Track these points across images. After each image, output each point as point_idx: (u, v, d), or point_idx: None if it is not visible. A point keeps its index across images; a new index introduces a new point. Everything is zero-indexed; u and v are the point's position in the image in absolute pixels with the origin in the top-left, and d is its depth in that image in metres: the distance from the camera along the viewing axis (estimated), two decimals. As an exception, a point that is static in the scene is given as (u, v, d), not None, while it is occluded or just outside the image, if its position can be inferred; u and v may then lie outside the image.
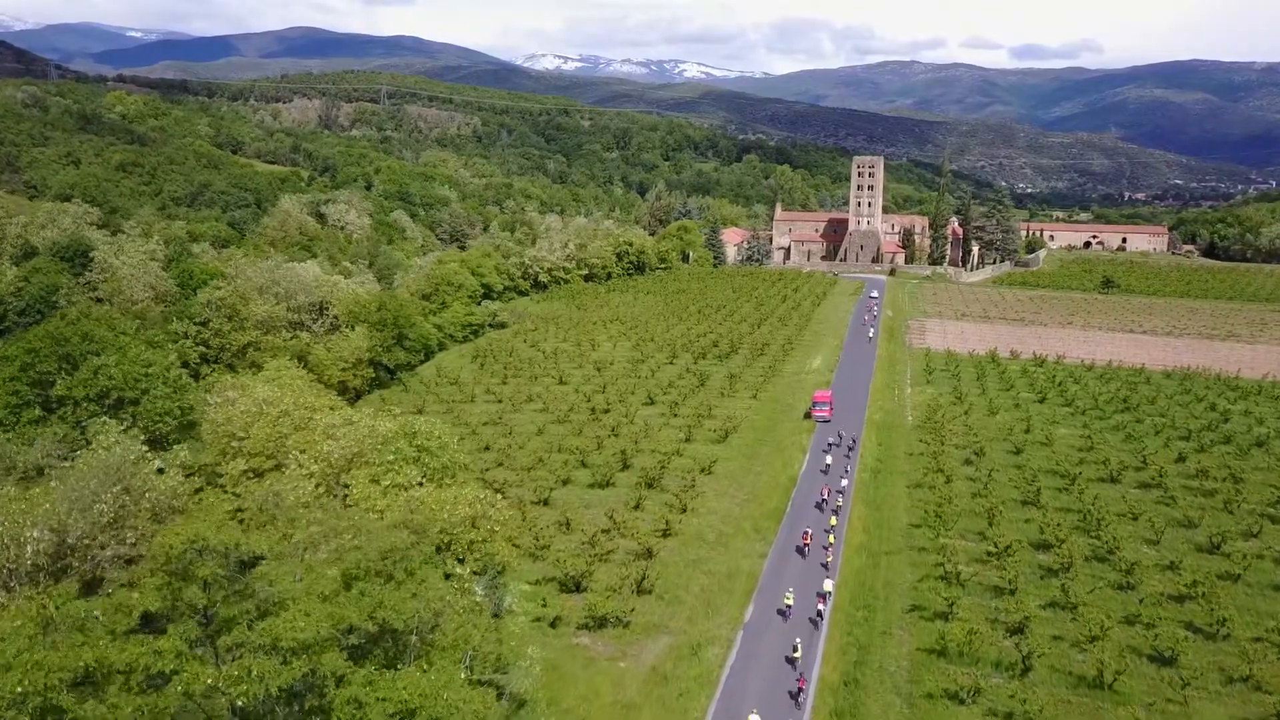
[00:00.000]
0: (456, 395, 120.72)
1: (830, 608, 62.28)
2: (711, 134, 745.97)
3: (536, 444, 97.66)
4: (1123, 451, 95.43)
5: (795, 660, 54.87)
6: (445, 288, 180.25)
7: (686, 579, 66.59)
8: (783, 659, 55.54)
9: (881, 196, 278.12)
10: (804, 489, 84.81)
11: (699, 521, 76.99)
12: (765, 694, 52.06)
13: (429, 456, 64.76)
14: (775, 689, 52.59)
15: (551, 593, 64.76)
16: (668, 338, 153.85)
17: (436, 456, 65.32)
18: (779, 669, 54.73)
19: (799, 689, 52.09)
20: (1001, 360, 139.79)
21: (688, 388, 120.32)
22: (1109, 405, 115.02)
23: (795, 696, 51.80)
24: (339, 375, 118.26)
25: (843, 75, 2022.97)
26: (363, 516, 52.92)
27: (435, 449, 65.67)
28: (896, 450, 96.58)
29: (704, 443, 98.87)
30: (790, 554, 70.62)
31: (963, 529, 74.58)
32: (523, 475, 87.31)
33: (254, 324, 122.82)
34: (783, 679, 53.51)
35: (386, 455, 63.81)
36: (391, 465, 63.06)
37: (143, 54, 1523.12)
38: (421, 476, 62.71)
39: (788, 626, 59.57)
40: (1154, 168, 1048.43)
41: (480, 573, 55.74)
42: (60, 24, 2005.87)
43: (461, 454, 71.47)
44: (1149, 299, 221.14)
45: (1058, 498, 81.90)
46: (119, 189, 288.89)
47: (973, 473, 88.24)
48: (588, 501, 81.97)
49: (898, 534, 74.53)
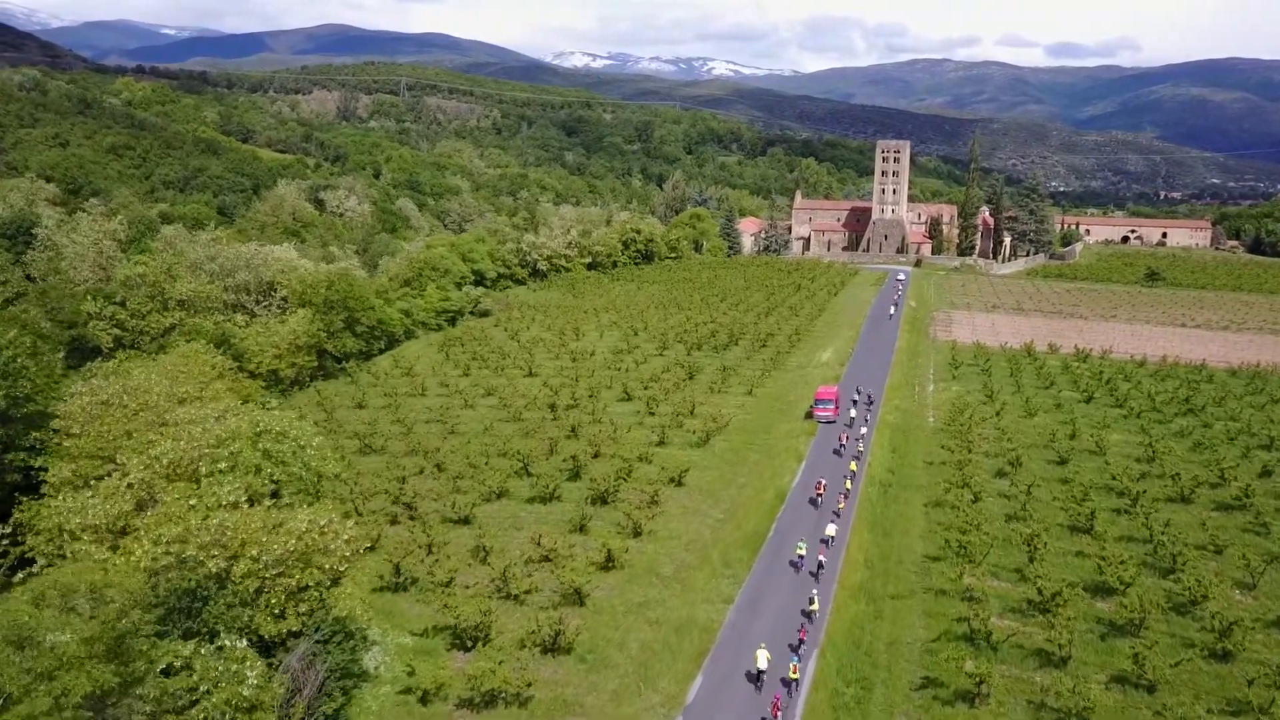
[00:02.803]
0: (406, 387, 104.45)
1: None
2: (735, 127, 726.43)
3: (477, 446, 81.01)
4: (1192, 463, 77.71)
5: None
6: (429, 273, 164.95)
7: (623, 632, 49.86)
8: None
9: (907, 184, 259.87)
10: (794, 507, 67.81)
11: (655, 549, 60.20)
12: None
13: (273, 465, 48.34)
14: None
15: (442, 646, 48.35)
16: (662, 327, 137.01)
17: (285, 465, 48.87)
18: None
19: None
20: (1039, 355, 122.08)
21: (673, 382, 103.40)
22: (1169, 407, 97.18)
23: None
24: (270, 363, 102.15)
25: (872, 73, 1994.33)
26: (115, 566, 36.66)
27: (287, 455, 49.24)
28: (913, 458, 79.32)
29: (681, 446, 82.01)
30: (765, 598, 53.63)
31: (995, 565, 57.38)
32: (449, 485, 70.71)
33: (178, 304, 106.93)
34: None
35: (217, 462, 47.44)
36: (224, 475, 46.73)
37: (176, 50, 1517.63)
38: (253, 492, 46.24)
39: (756, 698, 42.90)
40: (1190, 167, 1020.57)
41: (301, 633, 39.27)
42: (97, 21, 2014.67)
43: (330, 461, 54.89)
44: (1198, 292, 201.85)
45: (1116, 522, 64.46)
46: (105, 171, 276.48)
47: (1007, 488, 70.89)
48: (522, 520, 65.38)
49: (909, 570, 57.39)
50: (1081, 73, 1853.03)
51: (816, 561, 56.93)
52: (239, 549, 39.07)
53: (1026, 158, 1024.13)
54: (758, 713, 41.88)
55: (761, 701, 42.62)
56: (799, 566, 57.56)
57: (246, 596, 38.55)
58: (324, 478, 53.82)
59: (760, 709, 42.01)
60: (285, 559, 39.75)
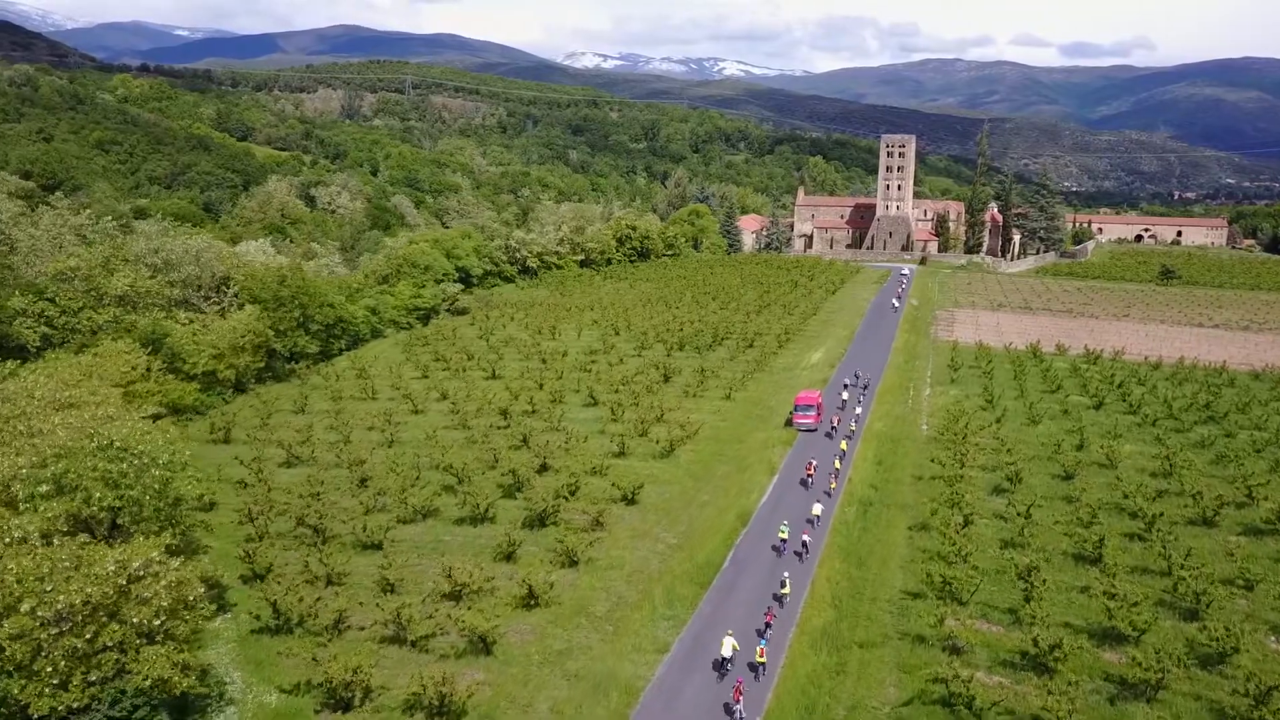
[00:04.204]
0: (355, 391, 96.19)
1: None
2: (743, 125, 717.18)
3: (412, 457, 72.48)
4: (1215, 479, 68.78)
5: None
6: (409, 269, 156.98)
7: (533, 689, 41.42)
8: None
9: (913, 180, 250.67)
10: (757, 531, 59.19)
11: (590, 583, 51.76)
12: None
13: (105, 489, 39.99)
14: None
15: (311, 707, 40.09)
16: (645, 326, 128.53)
17: (123, 488, 40.54)
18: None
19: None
20: (1045, 356, 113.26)
21: (645, 385, 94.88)
22: (1188, 414, 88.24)
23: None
24: (207, 364, 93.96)
25: (884, 73, 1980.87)
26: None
27: (129, 475, 40.90)
28: (901, 472, 70.61)
29: (642, 458, 73.57)
30: (706, 647, 44.99)
31: (985, 602, 48.78)
32: (371, 502, 62.31)
33: (115, 300, 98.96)
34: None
35: (39, 484, 39.19)
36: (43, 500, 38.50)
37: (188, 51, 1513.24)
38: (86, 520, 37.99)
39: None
40: (1205, 167, 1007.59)
41: (90, 708, 30.97)
42: (110, 23, 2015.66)
43: (189, 483, 46.51)
44: (1215, 291, 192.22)
45: (1128, 549, 55.65)
46: (89, 166, 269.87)
47: (1003, 507, 62.15)
48: (447, 544, 57.03)
49: (884, 610, 48.79)
50: (1095, 72, 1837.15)
51: (801, 541, 55.95)
52: (13, 602, 30.77)
53: (1039, 158, 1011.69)
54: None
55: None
56: (781, 551, 55.56)
57: (20, 662, 30.23)
58: (182, 502, 45.42)
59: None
60: (78, 612, 31.42)
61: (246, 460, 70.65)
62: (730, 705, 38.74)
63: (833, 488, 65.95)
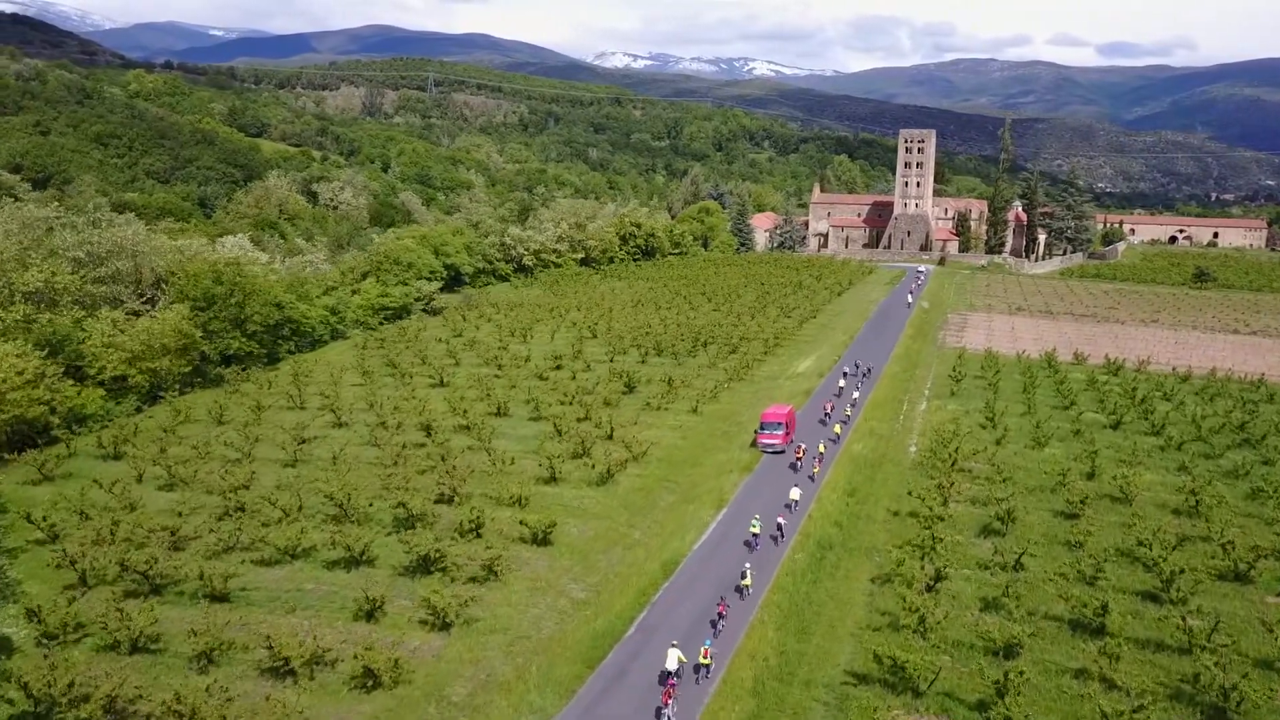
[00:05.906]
0: (283, 400, 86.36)
1: None
2: (768, 124, 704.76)
3: (302, 483, 62.18)
4: (1250, 518, 57.60)
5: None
6: (389, 266, 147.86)
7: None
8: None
9: (933, 176, 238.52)
10: (682, 584, 48.53)
11: (460, 653, 41.43)
12: None
13: None
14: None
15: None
16: (624, 329, 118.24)
17: None
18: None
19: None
20: (1061, 366, 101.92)
21: (603, 397, 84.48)
22: (1219, 436, 76.78)
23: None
24: (116, 368, 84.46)
25: (915, 73, 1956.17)
26: None
27: None
28: (874, 506, 59.66)
29: (576, 484, 63.13)
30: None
31: (948, 693, 37.98)
32: (232, 538, 52.28)
33: (24, 297, 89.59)
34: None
35: None
36: None
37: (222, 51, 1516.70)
38: None
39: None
40: (1243, 168, 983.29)
41: None
42: (147, 23, 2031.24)
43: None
44: (1254, 295, 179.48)
45: (1140, 615, 44.64)
46: (85, 160, 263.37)
47: (990, 554, 51.30)
48: (307, 596, 46.93)
49: (817, 702, 37.95)
50: (1131, 72, 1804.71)
51: (776, 525, 53.64)
52: None
53: (1072, 158, 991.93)
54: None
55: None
56: (753, 546, 52.08)
57: None
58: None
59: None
60: None
61: (110, 484, 60.77)
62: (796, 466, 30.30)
63: (816, 471, 64.36)
